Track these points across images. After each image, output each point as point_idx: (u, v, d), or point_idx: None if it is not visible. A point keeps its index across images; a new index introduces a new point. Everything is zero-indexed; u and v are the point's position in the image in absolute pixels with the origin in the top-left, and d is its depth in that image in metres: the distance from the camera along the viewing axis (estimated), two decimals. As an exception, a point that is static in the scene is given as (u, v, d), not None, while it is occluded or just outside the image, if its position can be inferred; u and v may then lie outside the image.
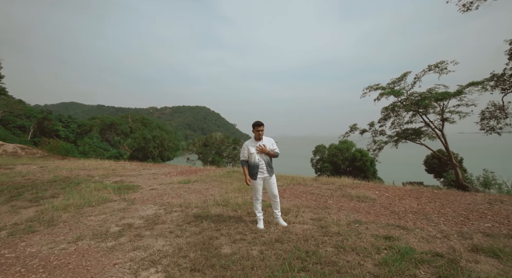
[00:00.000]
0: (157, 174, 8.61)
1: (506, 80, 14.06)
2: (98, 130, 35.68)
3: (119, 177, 7.93)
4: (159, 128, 36.76)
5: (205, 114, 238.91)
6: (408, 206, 4.51)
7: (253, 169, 3.66)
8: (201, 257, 2.74)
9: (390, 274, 2.31)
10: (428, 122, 19.65)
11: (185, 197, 5.44)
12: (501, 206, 4.44)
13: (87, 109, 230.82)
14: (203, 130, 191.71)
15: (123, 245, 3.12)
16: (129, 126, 35.04)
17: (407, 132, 21.15)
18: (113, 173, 8.79)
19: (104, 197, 5.37)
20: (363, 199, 5.00)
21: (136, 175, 8.43)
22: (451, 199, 4.89)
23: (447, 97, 18.22)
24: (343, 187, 6.24)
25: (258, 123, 3.67)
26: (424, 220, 3.79)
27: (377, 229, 3.45)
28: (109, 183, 7.00)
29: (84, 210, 4.59)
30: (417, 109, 19.63)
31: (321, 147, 33.14)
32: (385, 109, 21.68)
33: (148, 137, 31.69)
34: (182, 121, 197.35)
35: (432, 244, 2.96)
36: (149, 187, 6.50)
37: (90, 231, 3.59)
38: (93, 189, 6.04)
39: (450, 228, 3.45)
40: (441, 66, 18.81)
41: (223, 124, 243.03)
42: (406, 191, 5.66)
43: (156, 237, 3.35)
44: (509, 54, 13.15)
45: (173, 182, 7.07)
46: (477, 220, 3.73)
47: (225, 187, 6.48)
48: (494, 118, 15.77)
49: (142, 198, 5.40)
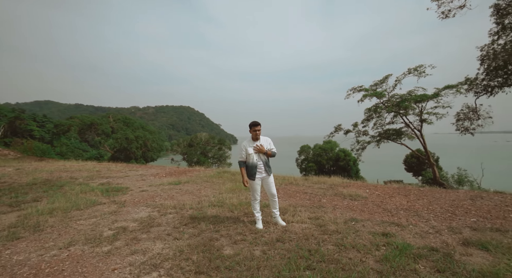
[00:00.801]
0: (145, 175, 8.37)
1: (478, 84, 14.98)
2: (76, 130, 33.98)
3: (105, 179, 7.62)
4: (142, 128, 35.66)
5: (189, 114, 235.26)
6: (399, 203, 4.69)
7: (251, 169, 3.65)
8: (204, 259, 2.69)
9: (392, 269, 2.39)
10: (408, 123, 20.55)
11: (178, 199, 5.33)
12: (482, 201, 4.73)
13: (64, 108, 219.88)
14: (187, 130, 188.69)
15: (120, 250, 3.01)
16: (111, 126, 33.70)
17: (388, 132, 21.99)
18: (98, 174, 8.44)
19: (92, 199, 5.15)
20: (356, 198, 5.14)
21: (123, 176, 8.15)
22: (436, 196, 5.14)
23: (425, 99, 19.16)
24: (334, 186, 6.37)
25: (255, 123, 3.67)
26: (415, 216, 3.96)
27: (373, 226, 3.56)
28: (95, 185, 6.71)
29: (72, 214, 4.37)
30: (398, 110, 20.46)
31: (306, 147, 33.65)
32: (368, 110, 22.42)
33: (131, 137, 30.67)
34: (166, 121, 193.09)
35: (426, 239, 3.09)
36: (139, 189, 6.30)
37: (81, 236, 3.43)
38: (79, 192, 5.77)
39: (440, 223, 3.63)
40: (420, 70, 19.74)
41: (208, 124, 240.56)
42: (394, 189, 5.89)
43: (154, 240, 3.26)
44: (481, 60, 14.00)
45: (163, 183, 6.90)
46: (463, 216, 3.94)
47: (217, 187, 6.42)
48: (468, 120, 16.77)
49: (133, 200, 5.23)
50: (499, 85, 13.78)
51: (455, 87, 17.82)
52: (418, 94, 19.52)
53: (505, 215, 3.94)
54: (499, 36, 12.04)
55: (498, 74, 13.38)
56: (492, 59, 13.06)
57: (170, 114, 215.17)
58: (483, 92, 14.62)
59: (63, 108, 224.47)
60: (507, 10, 10.88)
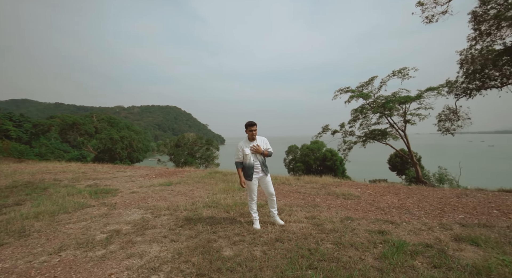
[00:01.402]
0: (134, 176, 8.14)
1: (458, 86, 15.69)
2: (57, 130, 32.54)
3: (92, 181, 7.35)
4: (128, 129, 34.70)
5: (176, 114, 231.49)
6: (390, 201, 4.82)
7: (248, 170, 3.63)
8: (204, 261, 2.65)
9: (391, 266, 2.45)
10: (392, 124, 21.21)
11: (171, 200, 5.22)
12: (467, 198, 4.95)
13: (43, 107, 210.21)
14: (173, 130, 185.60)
15: (115, 253, 2.91)
16: (94, 126, 32.52)
17: (374, 132, 22.59)
18: (84, 176, 8.12)
19: (81, 202, 4.95)
20: (348, 197, 5.24)
21: (111, 178, 7.89)
22: (425, 194, 5.34)
23: (409, 100, 19.85)
24: (326, 185, 6.47)
25: (251, 123, 3.65)
26: (407, 214, 4.08)
27: (368, 224, 3.64)
28: (82, 187, 6.46)
29: (59, 218, 4.18)
30: (383, 111, 21.07)
31: (293, 147, 34.00)
32: (354, 111, 22.93)
33: (116, 137, 29.80)
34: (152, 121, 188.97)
35: (419, 236, 3.20)
36: (129, 190, 6.12)
37: (72, 240, 3.28)
38: (65, 194, 5.53)
39: (431, 220, 3.76)
40: (404, 72, 20.43)
41: (195, 124, 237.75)
42: (385, 188, 6.05)
43: (150, 243, 3.17)
44: (460, 63, 14.67)
45: (153, 185, 6.74)
46: (452, 212, 4.11)
47: (210, 188, 6.34)
48: (448, 120, 17.53)
49: (124, 202, 5.08)
50: (476, 88, 14.46)
51: (436, 89, 18.61)
52: (402, 96, 20.20)
53: (489, 211, 4.14)
54: (477, 42, 12.64)
55: (475, 77, 14.04)
56: (470, 63, 13.68)
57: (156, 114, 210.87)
58: (462, 94, 15.32)
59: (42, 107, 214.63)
60: (483, 17, 11.44)
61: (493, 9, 10.57)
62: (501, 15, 10.12)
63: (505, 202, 4.64)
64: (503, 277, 2.19)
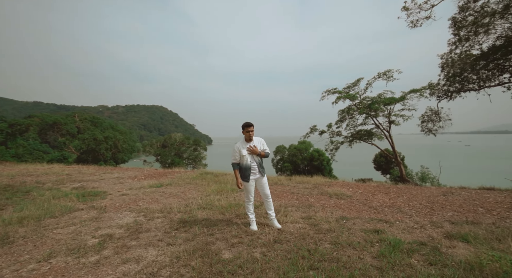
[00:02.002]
0: (122, 178, 7.90)
1: (440, 88, 16.36)
2: (36, 130, 31.05)
3: (78, 183, 7.06)
4: (112, 129, 33.66)
5: (162, 114, 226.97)
6: (382, 201, 4.95)
7: (245, 171, 3.61)
8: (204, 265, 2.61)
9: (390, 265, 2.50)
10: (378, 124, 21.80)
11: (163, 202, 5.11)
12: (453, 197, 5.17)
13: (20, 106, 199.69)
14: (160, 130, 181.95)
15: (110, 259, 2.80)
16: (77, 126, 31.28)
17: (360, 133, 23.13)
18: (68, 178, 7.79)
19: (68, 206, 4.73)
20: (341, 196, 5.33)
21: (97, 179, 7.61)
22: (413, 193, 5.52)
23: (393, 102, 20.49)
24: (318, 185, 6.55)
25: (248, 124, 3.63)
26: (399, 213, 4.21)
27: (363, 223, 3.71)
28: (67, 190, 6.19)
29: (46, 223, 3.98)
30: (369, 112, 21.61)
31: (281, 147, 34.23)
32: (341, 112, 23.39)
33: (100, 138, 28.82)
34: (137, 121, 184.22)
35: (413, 234, 3.30)
36: (118, 193, 5.93)
37: (62, 246, 3.13)
38: (50, 198, 5.27)
39: (422, 218, 3.89)
40: (388, 74, 21.04)
41: (182, 124, 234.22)
42: (375, 187, 6.20)
43: (146, 247, 3.08)
44: (441, 67, 15.29)
45: (144, 186, 6.57)
46: (440, 210, 4.28)
47: (202, 189, 6.26)
48: (431, 121, 18.26)
49: (114, 205, 4.91)
50: (456, 90, 15.11)
51: (419, 91, 19.31)
52: (387, 97, 20.81)
53: (474, 208, 4.34)
54: (456, 46, 13.19)
55: (455, 80, 14.65)
56: (450, 66, 14.27)
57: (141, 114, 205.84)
58: (444, 96, 15.99)
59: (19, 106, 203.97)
60: (462, 23, 11.97)
61: (471, 16, 11.08)
62: (478, 22, 10.63)
63: (488, 200, 4.88)
64: (494, 272, 2.30)
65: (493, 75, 12.62)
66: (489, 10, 10.41)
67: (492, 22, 10.38)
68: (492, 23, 10.40)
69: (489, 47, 11.42)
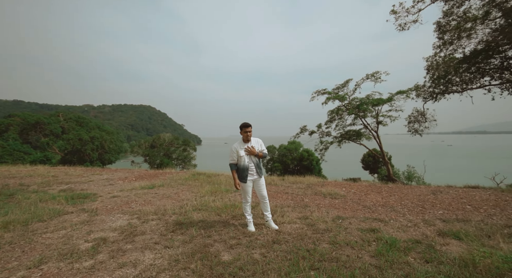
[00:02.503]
0: (112, 179, 7.69)
1: (426, 90, 16.89)
2: (17, 130, 29.75)
3: (65, 185, 6.81)
4: (99, 129, 32.74)
5: (150, 114, 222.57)
6: (375, 200, 5.05)
7: (242, 172, 3.59)
8: (205, 267, 2.57)
9: (388, 263, 2.55)
10: (366, 125, 22.26)
11: (157, 204, 5.01)
12: (442, 195, 5.34)
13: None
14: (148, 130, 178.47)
15: (105, 264, 2.72)
16: (61, 126, 30.19)
17: (349, 133, 23.55)
18: (55, 180, 7.50)
19: (56, 209, 4.56)
20: (335, 196, 5.40)
21: (86, 181, 7.37)
22: (404, 192, 5.67)
23: (381, 102, 20.95)
24: (312, 185, 6.61)
25: (246, 125, 3.62)
26: (392, 212, 4.30)
27: (359, 223, 3.77)
28: (55, 192, 5.97)
29: (34, 227, 3.82)
30: (357, 113, 22.01)
31: (271, 147, 34.34)
32: (330, 112, 23.72)
33: (85, 138, 27.99)
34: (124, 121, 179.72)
35: (407, 232, 3.38)
36: (109, 195, 5.77)
37: (53, 251, 3.01)
38: (37, 201, 5.06)
39: (415, 217, 4.00)
40: (376, 76, 21.51)
41: (171, 124, 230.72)
42: (367, 187, 6.33)
43: (142, 250, 3.01)
44: (427, 69, 15.79)
45: (135, 188, 6.42)
46: (431, 209, 4.41)
47: (196, 190, 6.19)
48: (417, 122, 18.83)
49: (106, 208, 4.77)
50: (441, 92, 15.63)
51: (405, 92, 19.86)
52: (375, 98, 21.27)
53: (463, 206, 4.50)
54: (441, 49, 13.65)
55: (440, 82, 15.15)
56: (435, 69, 14.75)
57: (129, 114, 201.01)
58: (429, 98, 16.52)
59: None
60: (446, 27, 12.40)
61: (454, 21, 11.51)
62: (460, 27, 11.04)
63: (474, 198, 5.07)
64: (487, 268, 2.38)
65: (475, 78, 13.12)
66: (470, 15, 10.85)
67: (474, 27, 10.81)
68: (474, 28, 10.83)
69: (471, 51, 11.89)
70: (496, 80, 12.33)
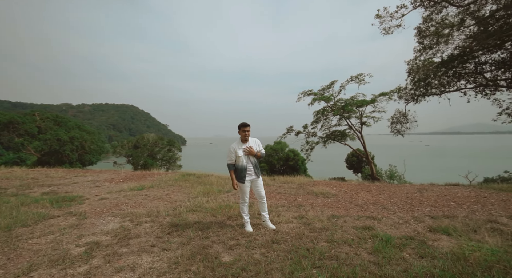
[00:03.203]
0: (98, 181, 7.39)
1: (407, 92, 17.60)
2: (-13, 130, 27.92)
3: (47, 187, 6.47)
4: (79, 128, 31.38)
5: (133, 113, 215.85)
6: (366, 199, 5.20)
7: (241, 172, 3.58)
8: (206, 269, 2.54)
9: (385, 259, 2.64)
10: (351, 125, 22.86)
11: (148, 206, 4.88)
12: (427, 193, 5.59)
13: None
14: (130, 131, 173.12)
15: (101, 268, 2.61)
16: (37, 125, 28.63)
17: (335, 133, 24.09)
18: (35, 182, 7.11)
19: (41, 212, 4.32)
20: (327, 195, 5.51)
21: (70, 183, 7.04)
22: (392, 190, 5.88)
23: (365, 104, 21.60)
24: (303, 185, 6.69)
25: (245, 124, 3.61)
26: (383, 210, 4.45)
27: (353, 221, 3.87)
28: (37, 195, 5.66)
29: (18, 232, 3.60)
30: (342, 114, 22.56)
31: (256, 148, 34.27)
32: (316, 113, 24.15)
33: (64, 138, 26.73)
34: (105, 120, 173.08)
35: (400, 229, 3.51)
36: (97, 197, 5.55)
37: (43, 258, 2.86)
38: (18, 205, 4.78)
39: (405, 214, 4.16)
40: (360, 78, 22.13)
41: (154, 124, 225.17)
42: (356, 186, 6.50)
43: (139, 254, 2.93)
44: (408, 72, 16.47)
45: (124, 189, 6.22)
46: (419, 206, 4.60)
47: (187, 191, 6.09)
48: (399, 123, 19.58)
49: (95, 210, 4.59)
50: (422, 94, 16.32)
51: (387, 94, 20.60)
52: (359, 100, 21.89)
53: (448, 203, 4.74)
54: (421, 54, 14.27)
55: (420, 85, 15.83)
56: (415, 72, 15.39)
57: (110, 113, 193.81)
58: (411, 99, 17.24)
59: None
60: (425, 32, 13.00)
61: (433, 27, 12.10)
62: (439, 32, 11.63)
63: (457, 195, 5.35)
64: (477, 261, 2.53)
65: (452, 81, 13.82)
66: (448, 22, 11.45)
67: (451, 33, 11.41)
68: (451, 34, 11.43)
69: (448, 55, 12.53)
70: (471, 83, 13.07)
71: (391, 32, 12.80)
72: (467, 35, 11.30)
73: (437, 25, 11.98)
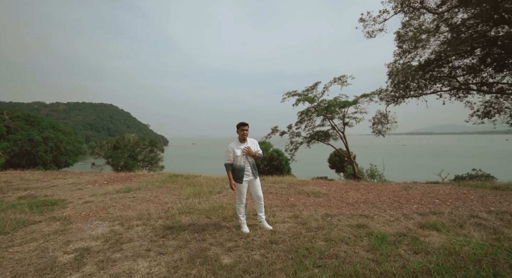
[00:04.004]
0: (80, 183, 7.01)
1: (388, 94, 18.32)
2: None
3: (24, 191, 6.04)
4: (53, 128, 29.65)
5: (112, 113, 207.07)
6: (356, 197, 5.34)
7: (238, 172, 3.55)
8: (207, 273, 2.48)
9: (383, 256, 2.71)
10: (334, 126, 23.43)
11: (138, 208, 4.70)
12: (412, 191, 5.84)
13: None
14: (109, 131, 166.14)
15: (95, 276, 2.47)
16: (6, 125, 26.67)
17: (318, 134, 24.56)
18: (8, 186, 6.61)
19: (20, 218, 4.03)
20: (318, 195, 5.59)
21: (49, 186, 6.62)
22: (379, 189, 6.08)
23: (347, 105, 22.21)
24: (293, 185, 6.75)
25: (243, 123, 3.59)
26: (374, 208, 4.59)
27: (347, 219, 3.96)
28: (13, 199, 5.27)
29: (-4, 240, 3.33)
30: (326, 114, 23.07)
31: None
32: (300, 113, 24.51)
33: (37, 139, 25.18)
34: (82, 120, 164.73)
35: (392, 227, 3.63)
36: (80, 200, 5.26)
37: (27, 267, 2.66)
38: (-7, 210, 4.42)
39: (395, 212, 4.31)
40: (343, 79, 22.73)
41: (135, 124, 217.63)
42: (344, 185, 6.66)
43: (134, 259, 2.80)
44: (388, 74, 17.15)
45: (109, 192, 5.95)
46: (407, 204, 4.80)
47: (177, 193, 5.95)
48: (380, 124, 20.35)
49: (80, 214, 4.34)
50: (401, 96, 17.03)
51: (368, 96, 21.35)
52: (341, 101, 22.48)
53: (432, 200, 4.98)
54: (400, 57, 14.90)
55: (400, 87, 16.51)
56: (395, 75, 16.03)
57: (87, 113, 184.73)
58: (391, 101, 17.98)
59: None
60: (404, 37, 13.59)
61: (411, 32, 12.69)
62: (416, 37, 12.23)
63: (439, 192, 5.64)
64: (467, 254, 2.67)
65: (429, 84, 14.54)
66: (424, 28, 12.06)
67: (428, 39, 12.02)
68: (428, 40, 12.05)
69: (425, 60, 13.19)
70: (446, 86, 13.83)
71: (374, 35, 13.25)
72: (442, 40, 11.93)
73: (415, 30, 12.56)
